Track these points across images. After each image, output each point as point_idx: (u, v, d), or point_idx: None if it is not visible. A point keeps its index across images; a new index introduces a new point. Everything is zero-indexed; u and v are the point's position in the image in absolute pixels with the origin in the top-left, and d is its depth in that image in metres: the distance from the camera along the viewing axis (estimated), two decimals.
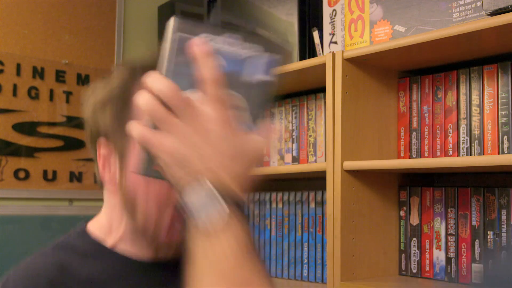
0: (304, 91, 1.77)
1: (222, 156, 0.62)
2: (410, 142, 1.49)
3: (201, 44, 0.60)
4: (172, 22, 0.60)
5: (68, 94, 2.22)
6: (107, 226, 0.90)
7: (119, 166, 0.82)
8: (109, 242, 0.89)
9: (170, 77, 0.60)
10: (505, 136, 1.30)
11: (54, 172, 2.17)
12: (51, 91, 2.18)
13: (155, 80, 0.61)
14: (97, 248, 0.88)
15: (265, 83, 0.64)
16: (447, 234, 1.41)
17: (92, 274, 0.85)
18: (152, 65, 0.80)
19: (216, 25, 0.61)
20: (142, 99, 0.61)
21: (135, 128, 0.63)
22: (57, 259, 0.86)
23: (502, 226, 1.31)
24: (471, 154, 1.35)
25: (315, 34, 1.64)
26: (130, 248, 0.88)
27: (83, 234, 0.91)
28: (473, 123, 1.36)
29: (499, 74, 1.32)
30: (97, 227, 0.91)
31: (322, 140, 1.67)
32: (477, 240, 1.35)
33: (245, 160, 0.64)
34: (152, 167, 0.65)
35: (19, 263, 0.88)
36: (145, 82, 0.61)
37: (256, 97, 0.64)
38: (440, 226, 1.43)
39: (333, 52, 1.46)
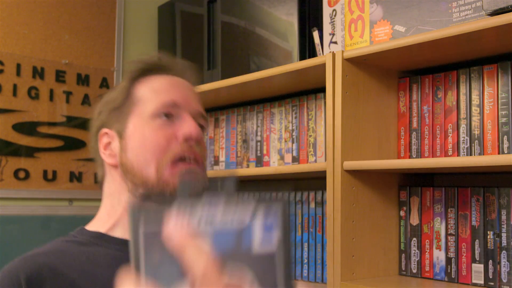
0: (304, 91, 1.77)
1: None
2: (410, 142, 1.49)
3: (175, 231, 0.45)
4: (131, 214, 0.46)
5: (68, 94, 2.22)
6: (105, 214, 0.98)
7: (119, 145, 0.96)
8: (105, 229, 0.96)
9: (150, 276, 0.46)
10: (505, 136, 1.30)
11: (54, 172, 2.17)
12: (51, 91, 2.18)
13: None
14: (95, 236, 0.95)
15: (271, 250, 0.49)
16: (447, 234, 1.41)
17: (91, 257, 0.91)
18: (148, 68, 1.01)
19: (186, 195, 0.47)
20: None
21: None
22: (50, 248, 0.92)
23: (502, 226, 1.31)
24: (471, 154, 1.35)
25: (315, 34, 1.64)
26: (126, 232, 0.94)
27: (81, 230, 0.98)
28: (473, 123, 1.36)
29: (499, 74, 1.32)
30: (93, 223, 0.99)
31: (322, 140, 1.67)
32: (477, 240, 1.35)
33: None
34: None
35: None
36: None
37: (267, 268, 0.49)
38: (440, 226, 1.43)
39: (333, 52, 1.46)
